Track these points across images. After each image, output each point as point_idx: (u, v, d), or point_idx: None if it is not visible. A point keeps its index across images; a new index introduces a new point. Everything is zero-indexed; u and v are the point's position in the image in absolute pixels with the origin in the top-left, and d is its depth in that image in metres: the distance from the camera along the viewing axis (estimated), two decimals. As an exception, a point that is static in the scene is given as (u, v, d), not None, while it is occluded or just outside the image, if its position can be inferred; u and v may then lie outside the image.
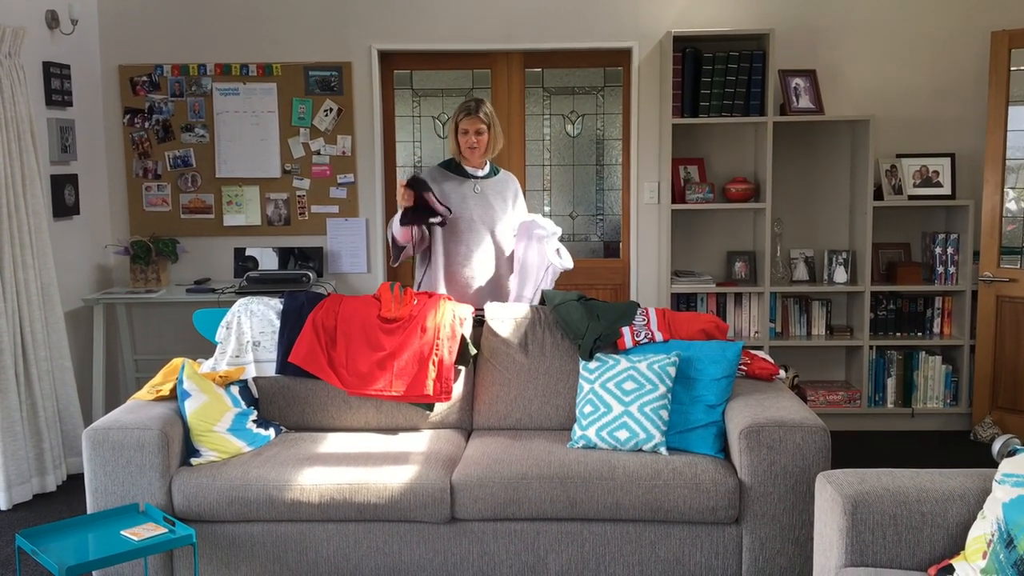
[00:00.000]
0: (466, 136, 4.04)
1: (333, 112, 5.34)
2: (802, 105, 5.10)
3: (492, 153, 4.13)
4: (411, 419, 3.73)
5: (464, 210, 4.06)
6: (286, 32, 5.30)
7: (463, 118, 4.04)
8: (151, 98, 5.35)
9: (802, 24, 5.21)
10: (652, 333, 3.66)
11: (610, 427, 3.37)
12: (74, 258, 5.02)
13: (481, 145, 4.06)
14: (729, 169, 5.33)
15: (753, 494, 3.14)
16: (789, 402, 3.33)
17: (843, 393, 5.19)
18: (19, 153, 4.32)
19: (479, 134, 4.04)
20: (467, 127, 4.04)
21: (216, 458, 3.35)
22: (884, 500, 2.43)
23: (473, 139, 4.04)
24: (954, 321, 5.23)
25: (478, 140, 4.04)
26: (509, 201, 4.17)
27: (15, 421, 4.22)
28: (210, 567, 3.25)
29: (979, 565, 2.24)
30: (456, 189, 4.08)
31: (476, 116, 4.04)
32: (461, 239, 4.06)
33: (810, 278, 5.30)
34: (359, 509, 3.18)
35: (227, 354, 3.76)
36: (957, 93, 5.23)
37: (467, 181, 4.10)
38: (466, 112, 4.04)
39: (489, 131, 4.07)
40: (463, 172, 4.12)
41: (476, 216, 4.07)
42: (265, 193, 5.40)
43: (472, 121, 4.03)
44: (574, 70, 5.47)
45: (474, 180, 4.11)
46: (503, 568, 3.22)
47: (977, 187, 5.14)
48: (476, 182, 4.11)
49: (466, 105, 4.07)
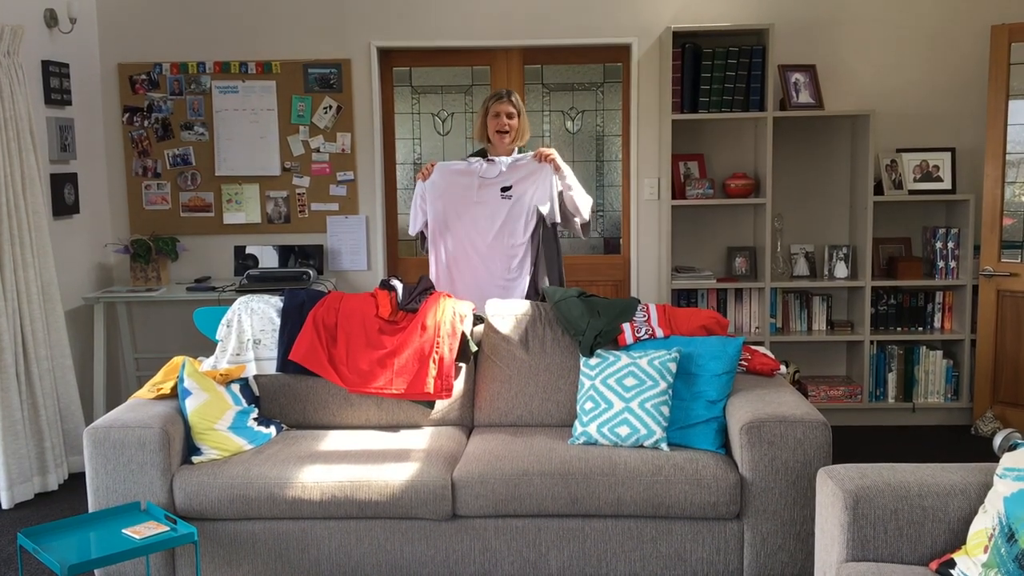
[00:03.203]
0: (498, 119, 4.17)
1: (332, 109, 5.34)
2: (802, 100, 5.10)
3: (521, 141, 4.24)
4: (412, 416, 3.73)
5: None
6: (285, 30, 5.30)
7: (494, 103, 4.18)
8: (150, 96, 5.35)
9: (802, 19, 5.21)
10: (653, 329, 3.66)
11: (611, 423, 3.37)
12: (74, 257, 5.02)
13: (512, 130, 4.18)
14: (729, 165, 5.32)
15: (754, 489, 3.14)
16: (790, 397, 3.33)
17: (844, 388, 5.19)
18: (19, 152, 4.31)
19: (510, 117, 4.17)
20: (499, 110, 4.17)
21: (217, 456, 3.35)
22: (885, 495, 2.43)
23: (504, 121, 4.16)
24: (955, 316, 5.23)
25: (509, 124, 4.16)
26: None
27: (16, 420, 4.23)
28: (212, 565, 3.25)
29: (980, 559, 2.24)
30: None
31: (508, 101, 4.18)
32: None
33: (810, 273, 5.30)
34: (360, 506, 3.18)
35: (228, 352, 3.76)
36: (957, 87, 5.22)
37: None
38: (497, 98, 4.20)
39: (519, 118, 4.20)
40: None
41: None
42: (265, 191, 5.40)
43: (504, 104, 4.18)
44: (574, 66, 5.46)
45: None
46: (504, 565, 3.22)
47: (977, 181, 5.13)
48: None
49: (496, 92, 4.24)
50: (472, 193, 4.14)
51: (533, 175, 4.13)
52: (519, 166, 4.14)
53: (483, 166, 4.14)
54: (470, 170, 4.16)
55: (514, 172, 4.14)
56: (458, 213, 4.16)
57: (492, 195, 4.13)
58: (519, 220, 4.14)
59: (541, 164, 4.11)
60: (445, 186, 4.15)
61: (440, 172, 4.17)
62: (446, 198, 4.15)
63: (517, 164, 4.14)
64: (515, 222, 4.14)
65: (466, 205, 4.15)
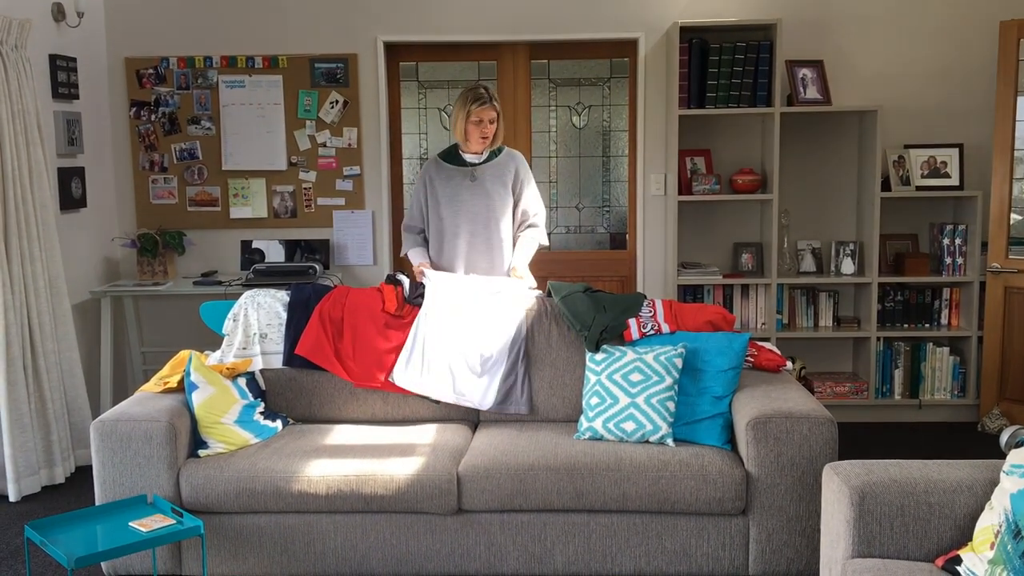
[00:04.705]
0: (480, 126, 3.96)
1: (339, 104, 5.34)
2: (809, 96, 5.08)
3: (499, 141, 4.10)
4: (418, 411, 3.73)
5: (459, 201, 4.04)
6: (292, 24, 5.30)
7: (476, 107, 3.93)
8: (157, 91, 5.35)
9: (809, 14, 5.19)
10: (659, 325, 3.66)
11: (617, 419, 3.37)
12: (81, 251, 5.03)
13: (491, 135, 4.01)
14: (736, 160, 5.31)
15: (760, 485, 3.14)
16: (796, 393, 3.32)
17: (850, 384, 5.18)
18: (26, 146, 4.32)
19: (492, 123, 3.98)
20: (482, 116, 3.95)
21: (223, 450, 3.36)
22: (891, 491, 2.43)
23: (488, 128, 3.97)
24: (962, 312, 5.21)
25: (491, 130, 3.99)
26: (509, 184, 4.09)
27: (23, 413, 4.24)
28: (218, 558, 3.26)
29: (987, 556, 2.23)
30: (451, 180, 4.06)
31: (491, 105, 3.96)
32: (460, 232, 4.05)
33: (817, 269, 5.29)
34: (366, 500, 3.19)
35: (234, 346, 3.77)
36: (965, 83, 5.20)
37: (464, 170, 4.07)
38: (480, 102, 3.93)
39: (499, 119, 4.02)
40: (461, 161, 4.09)
41: (472, 208, 4.05)
42: (271, 186, 5.41)
43: (487, 110, 3.95)
44: (580, 61, 5.45)
45: (471, 168, 4.07)
46: (510, 559, 3.22)
47: (985, 178, 5.11)
48: (473, 170, 4.07)
49: (477, 94, 3.95)
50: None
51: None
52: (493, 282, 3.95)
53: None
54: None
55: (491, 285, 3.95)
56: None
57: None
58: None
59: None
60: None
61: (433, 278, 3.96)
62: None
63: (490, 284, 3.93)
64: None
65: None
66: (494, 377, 3.69)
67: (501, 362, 3.69)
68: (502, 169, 4.09)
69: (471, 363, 3.68)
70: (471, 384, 3.68)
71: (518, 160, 4.16)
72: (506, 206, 4.09)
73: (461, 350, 3.69)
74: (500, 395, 3.67)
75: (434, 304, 3.77)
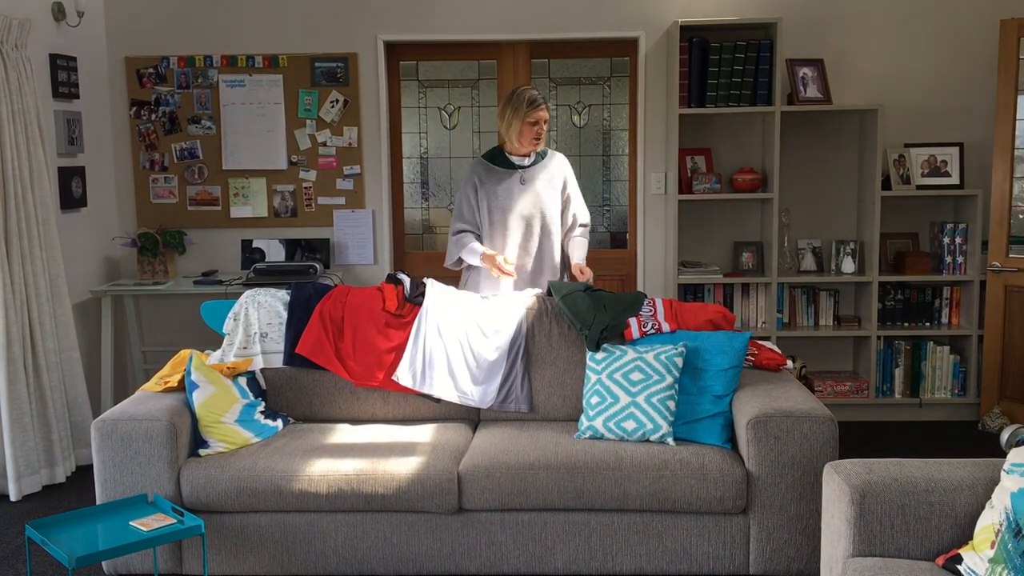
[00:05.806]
0: (536, 126, 4.00)
1: (339, 103, 5.34)
2: (810, 95, 5.08)
3: (545, 143, 4.17)
4: (418, 410, 3.74)
5: (511, 204, 4.05)
6: (292, 23, 5.30)
7: (531, 111, 3.97)
8: (157, 90, 5.35)
9: (810, 13, 5.19)
10: (659, 324, 3.66)
11: (617, 418, 3.37)
12: (82, 250, 5.03)
13: (543, 136, 4.07)
14: (736, 159, 5.31)
15: (760, 484, 3.14)
16: (796, 392, 3.32)
17: (851, 383, 5.18)
18: (26, 145, 4.32)
19: (545, 123, 4.05)
20: (537, 117, 4.00)
21: (224, 449, 3.36)
22: (892, 490, 2.43)
23: (542, 128, 4.03)
24: (962, 311, 5.21)
25: (544, 130, 4.05)
26: (558, 186, 4.14)
27: (24, 412, 4.24)
28: (218, 557, 3.26)
29: (987, 555, 2.23)
30: (502, 183, 4.07)
31: (545, 106, 4.03)
32: (510, 234, 4.06)
33: (818, 268, 5.29)
34: (367, 500, 3.19)
35: (234, 345, 3.77)
36: (966, 82, 5.20)
37: (514, 173, 4.08)
38: (535, 104, 3.98)
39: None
40: (509, 163, 4.11)
41: (523, 210, 4.06)
42: (272, 185, 5.41)
43: (542, 111, 4.01)
44: (580, 60, 5.45)
45: (520, 171, 4.09)
46: (510, 558, 3.22)
47: (986, 176, 5.11)
48: (522, 172, 4.09)
49: (531, 96, 4.00)
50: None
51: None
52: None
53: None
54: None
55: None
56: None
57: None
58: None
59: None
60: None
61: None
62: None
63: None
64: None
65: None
66: (495, 376, 3.70)
67: (502, 361, 3.70)
68: (551, 172, 4.14)
69: (472, 362, 3.70)
70: (472, 383, 3.69)
71: (565, 165, 4.21)
72: (556, 208, 4.13)
73: (462, 349, 3.70)
74: (501, 394, 3.69)
75: (435, 303, 3.78)
